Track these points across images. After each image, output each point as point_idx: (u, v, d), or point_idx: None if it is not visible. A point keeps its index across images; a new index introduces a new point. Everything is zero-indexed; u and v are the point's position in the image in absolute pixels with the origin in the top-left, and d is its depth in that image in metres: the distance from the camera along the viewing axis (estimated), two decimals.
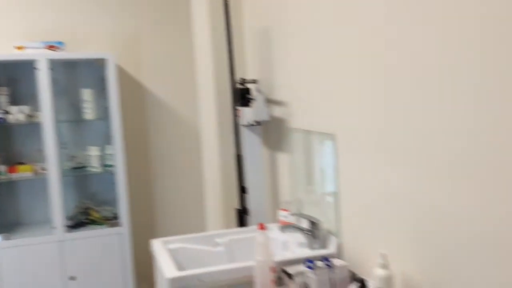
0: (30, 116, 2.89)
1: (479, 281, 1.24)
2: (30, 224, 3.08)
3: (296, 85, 2.21)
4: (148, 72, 3.30)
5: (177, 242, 2.17)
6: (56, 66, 3.01)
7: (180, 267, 1.91)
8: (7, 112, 2.85)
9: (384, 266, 1.51)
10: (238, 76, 2.61)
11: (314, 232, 1.96)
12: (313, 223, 1.96)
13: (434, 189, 1.38)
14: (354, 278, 1.68)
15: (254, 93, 2.40)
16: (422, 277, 1.47)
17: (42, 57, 2.78)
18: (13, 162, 2.99)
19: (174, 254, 2.10)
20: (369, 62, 1.64)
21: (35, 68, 2.79)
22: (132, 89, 3.28)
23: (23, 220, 3.10)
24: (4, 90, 2.91)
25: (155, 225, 3.38)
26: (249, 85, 2.48)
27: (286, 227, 2.03)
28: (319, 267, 1.70)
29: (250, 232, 2.26)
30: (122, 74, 3.23)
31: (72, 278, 2.88)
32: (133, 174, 3.28)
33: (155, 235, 3.27)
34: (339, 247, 1.94)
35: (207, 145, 3.16)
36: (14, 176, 2.88)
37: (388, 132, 1.57)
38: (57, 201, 2.85)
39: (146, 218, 3.36)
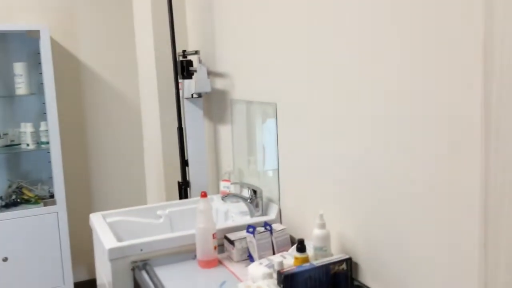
0: None
1: (408, 235, 1.32)
2: None
3: (238, 57, 2.22)
4: (84, 46, 3.18)
5: (116, 215, 2.13)
6: None
7: (120, 240, 1.88)
8: None
9: (322, 226, 1.56)
10: (180, 48, 2.58)
11: (255, 200, 1.99)
12: (254, 192, 1.99)
13: (364, 150, 1.44)
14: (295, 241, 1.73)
15: (196, 64, 2.38)
16: (356, 234, 1.53)
17: None
18: None
19: (114, 227, 2.06)
20: (305, 32, 1.68)
21: None
22: (68, 63, 3.15)
23: None
24: None
25: (93, 203, 3.28)
26: (191, 57, 2.46)
27: (228, 197, 2.05)
28: (260, 232, 1.74)
29: (191, 203, 2.26)
30: (57, 48, 3.10)
31: (5, 259, 2.76)
32: (69, 151, 3.17)
33: (93, 212, 3.18)
34: (280, 214, 1.98)
35: (148, 119, 3.11)
36: None
37: (322, 100, 1.62)
38: None
39: (83, 196, 3.26)
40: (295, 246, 1.58)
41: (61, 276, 2.91)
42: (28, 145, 2.90)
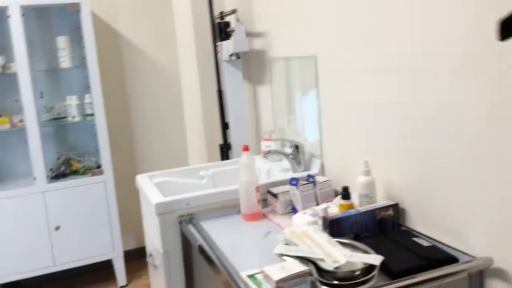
0: (4, 67, 2.81)
1: (457, 190, 1.27)
2: (11, 177, 3.04)
3: (276, 12, 2.19)
4: (123, 18, 3.23)
5: (161, 176, 2.17)
6: (29, 13, 2.92)
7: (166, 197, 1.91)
8: None
9: (367, 173, 1.53)
10: (217, 10, 2.57)
11: (297, 156, 1.98)
12: (296, 147, 1.97)
13: (412, 99, 1.39)
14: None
15: (233, 24, 2.37)
16: (403, 182, 1.50)
17: (13, 4, 2.69)
18: None
19: (159, 187, 2.10)
20: None
21: (8, 17, 2.70)
22: (108, 36, 3.21)
23: (3, 173, 3.05)
24: None
25: (138, 171, 3.37)
26: (228, 18, 2.44)
27: (269, 153, 2.04)
28: (303, 184, 1.72)
29: (233, 164, 2.27)
30: (97, 21, 3.16)
31: (57, 228, 2.87)
32: (113, 122, 3.25)
33: None
34: (322, 169, 1.96)
35: (187, 85, 3.13)
36: None
37: (363, 49, 1.57)
38: (37, 153, 2.80)
39: (128, 165, 3.35)
40: (339, 196, 1.57)
41: (110, 244, 3.01)
42: (74, 117, 2.99)
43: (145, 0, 3.24)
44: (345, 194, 1.52)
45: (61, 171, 3.00)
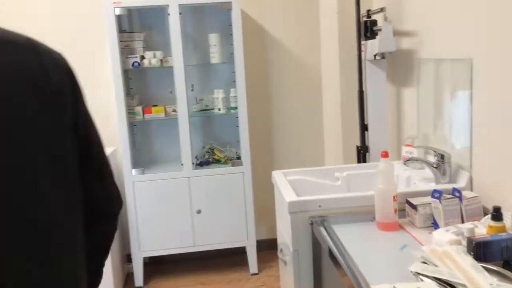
0: (162, 60, 3.09)
1: None
2: (162, 161, 3.34)
3: (428, 10, 2.04)
4: (270, 16, 3.32)
5: (296, 174, 2.19)
6: (186, 11, 3.16)
7: (298, 196, 1.93)
8: (143, 57, 3.07)
9: None
10: (364, 8, 2.49)
11: (441, 166, 1.84)
12: (441, 156, 1.83)
13: None
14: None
15: (380, 23, 2.28)
16: None
17: (173, 2, 2.92)
18: (147, 104, 3.25)
19: (293, 185, 2.12)
20: None
21: (168, 14, 2.95)
22: (255, 33, 3.33)
23: (156, 158, 3.37)
24: (140, 36, 3.14)
25: (275, 165, 3.46)
26: (375, 17, 2.36)
27: (410, 161, 1.93)
28: (447, 198, 1.60)
29: (370, 168, 2.19)
30: (246, 18, 3.29)
31: (198, 212, 3.09)
32: (254, 116, 3.37)
33: None
34: (471, 183, 1.79)
35: (328, 84, 3.12)
36: (148, 117, 3.12)
37: None
38: (185, 141, 3.03)
39: (266, 158, 3.46)
40: (488, 216, 1.42)
41: (245, 232, 3.14)
42: (219, 109, 3.17)
43: None
44: (497, 214, 1.37)
45: (205, 159, 3.21)
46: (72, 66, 1.00)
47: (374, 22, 2.35)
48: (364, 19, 2.39)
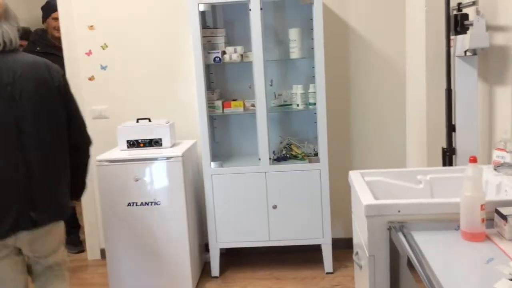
0: (242, 56, 3.12)
1: None
2: (240, 155, 3.39)
3: None
4: (354, 11, 3.23)
5: (375, 175, 2.12)
6: (267, 6, 3.16)
7: (376, 199, 1.86)
8: (224, 53, 3.13)
9: None
10: (454, 2, 2.34)
11: None
12: None
13: None
14: None
15: (472, 17, 2.12)
16: None
17: None
18: (227, 98, 3.31)
19: (372, 187, 2.06)
20: None
21: (249, 10, 2.96)
22: (337, 28, 3.26)
23: (234, 151, 3.43)
24: (222, 31, 3.19)
25: (353, 163, 3.39)
26: (466, 10, 2.20)
27: (502, 167, 1.79)
28: None
29: (457, 172, 2.06)
30: (328, 13, 3.23)
31: (274, 207, 3.10)
32: (333, 112, 3.31)
33: None
34: None
35: (412, 81, 2.97)
36: (228, 111, 3.18)
37: None
38: (263, 136, 3.05)
39: (343, 155, 3.39)
40: None
41: (320, 230, 3.11)
42: (298, 105, 3.14)
43: None
44: None
45: (282, 155, 3.21)
46: (64, 72, 2.13)
47: (465, 16, 2.19)
48: (454, 12, 2.24)
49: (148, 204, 2.91)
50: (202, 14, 3.13)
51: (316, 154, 3.12)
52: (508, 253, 1.44)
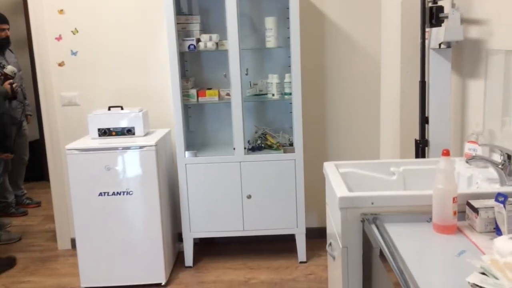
0: (218, 44, 3.07)
1: None
2: (214, 144, 3.36)
3: None
4: (330, 1, 3.21)
5: (349, 166, 2.13)
6: None
7: (351, 191, 1.86)
8: (199, 40, 3.07)
9: None
10: None
11: (508, 166, 1.71)
12: (509, 156, 1.71)
13: None
14: None
15: (447, 10, 2.13)
16: None
17: None
18: (202, 87, 3.26)
19: (345, 178, 2.06)
20: None
21: None
22: (313, 18, 3.24)
23: (209, 140, 3.40)
24: (197, 18, 3.13)
25: (327, 153, 3.40)
26: (441, 3, 2.21)
27: (473, 159, 1.81)
28: None
29: (429, 164, 2.09)
30: (305, 2, 3.20)
31: (249, 197, 3.09)
32: (309, 102, 3.31)
33: None
34: None
35: (387, 72, 2.99)
36: (202, 100, 3.13)
37: None
38: (238, 125, 3.02)
39: (318, 146, 3.39)
40: None
41: (294, 220, 3.11)
42: (273, 95, 3.12)
43: None
44: None
45: (257, 145, 3.19)
46: None
47: (440, 9, 2.20)
48: (430, 4, 2.24)
49: (120, 194, 2.85)
50: (177, 0, 3.06)
51: (291, 144, 3.12)
52: (479, 246, 1.46)
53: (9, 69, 3.59)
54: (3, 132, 2.96)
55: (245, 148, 3.05)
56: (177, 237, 3.36)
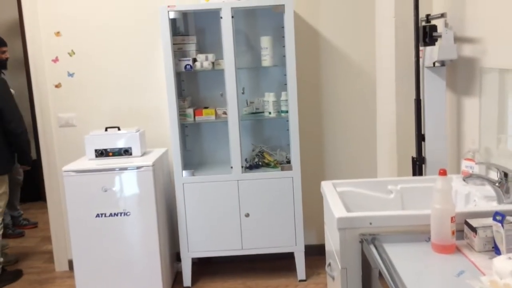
0: (214, 63, 3.09)
1: None
2: (212, 163, 3.36)
3: (492, 17, 1.91)
4: (324, 19, 3.24)
5: (346, 185, 2.13)
6: (238, 14, 3.14)
7: (349, 210, 1.86)
8: (195, 60, 3.09)
9: None
10: (423, 13, 2.37)
11: (505, 184, 1.72)
12: (505, 174, 1.71)
13: None
14: None
15: (440, 29, 2.16)
16: None
17: (226, 6, 2.91)
18: (199, 106, 3.27)
19: (343, 197, 2.06)
20: None
21: (220, 18, 2.93)
22: (308, 36, 3.27)
23: (206, 159, 3.39)
24: (193, 39, 3.15)
25: (325, 171, 3.39)
26: (435, 22, 2.24)
27: (470, 177, 1.82)
28: (510, 222, 1.48)
29: (427, 181, 2.09)
30: (300, 21, 3.23)
31: (247, 215, 3.07)
32: (306, 120, 3.32)
33: (324, 180, 3.29)
34: None
35: (382, 91, 3.01)
36: (199, 119, 3.14)
37: None
38: (235, 143, 3.02)
39: (316, 163, 3.40)
40: None
41: (293, 237, 3.10)
42: (270, 113, 3.13)
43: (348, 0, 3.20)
44: None
45: (255, 163, 3.19)
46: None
47: (434, 28, 2.23)
48: (423, 24, 2.27)
49: (117, 215, 2.84)
50: (173, 21, 3.08)
51: (288, 162, 3.12)
52: (478, 265, 1.46)
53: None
54: (22, 150, 3.35)
55: (242, 166, 3.05)
56: (175, 257, 3.34)
